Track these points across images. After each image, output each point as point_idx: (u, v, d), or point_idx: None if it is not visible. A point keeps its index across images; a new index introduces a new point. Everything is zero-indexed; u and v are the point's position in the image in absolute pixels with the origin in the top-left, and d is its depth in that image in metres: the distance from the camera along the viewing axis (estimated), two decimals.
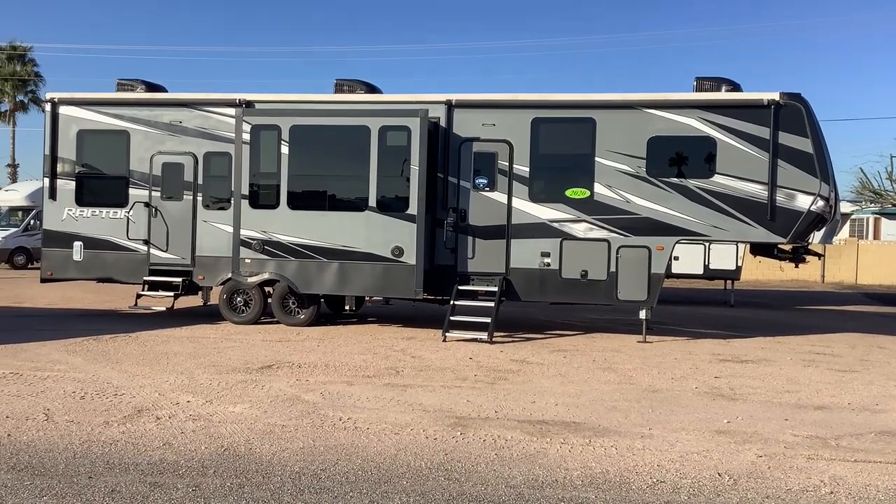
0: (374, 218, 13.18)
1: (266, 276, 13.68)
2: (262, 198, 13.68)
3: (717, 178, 12.58)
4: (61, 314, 15.42)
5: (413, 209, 13.02)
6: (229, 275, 13.88)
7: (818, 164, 12.35)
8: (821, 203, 12.37)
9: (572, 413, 7.95)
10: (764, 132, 12.44)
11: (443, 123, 13.34)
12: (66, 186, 14.69)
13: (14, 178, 48.27)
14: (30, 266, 27.97)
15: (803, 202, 12.39)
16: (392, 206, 13.20)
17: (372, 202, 13.19)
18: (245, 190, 13.65)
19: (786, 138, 12.40)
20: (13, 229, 28.86)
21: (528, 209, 13.11)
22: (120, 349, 11.21)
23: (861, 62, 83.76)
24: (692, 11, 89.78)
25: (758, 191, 12.48)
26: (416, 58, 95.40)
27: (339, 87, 14.21)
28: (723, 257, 18.77)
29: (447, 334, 12.65)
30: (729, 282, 20.15)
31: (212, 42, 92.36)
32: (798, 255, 14.31)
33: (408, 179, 13.07)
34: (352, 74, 19.94)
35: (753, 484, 5.86)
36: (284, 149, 13.49)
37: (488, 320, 12.55)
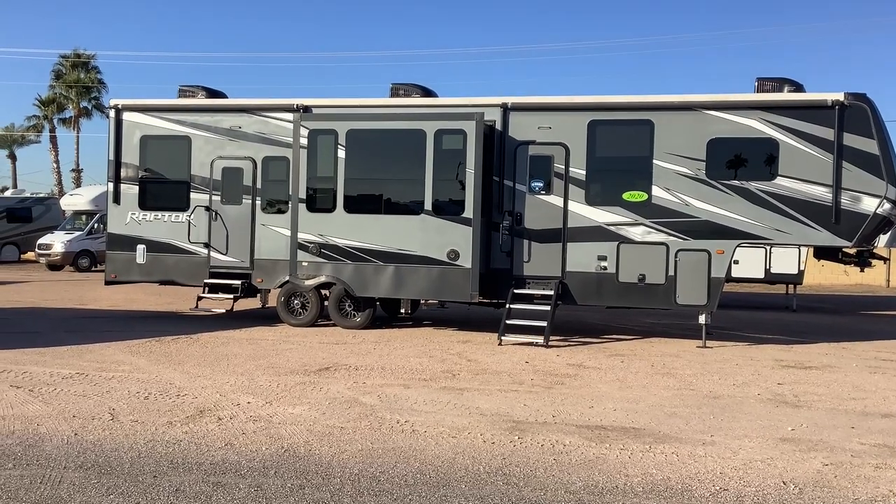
0: (429, 221, 13.21)
1: (323, 279, 13.81)
2: (319, 201, 13.83)
3: (779, 181, 12.33)
4: (124, 316, 15.76)
5: (469, 212, 13.02)
6: (287, 278, 14.04)
7: (884, 166, 12.03)
8: (887, 206, 12.05)
9: (631, 419, 7.86)
10: (828, 133, 12.15)
11: (498, 127, 13.32)
12: (130, 191, 15.03)
13: (78, 183, 49.58)
14: (94, 269, 28.73)
15: (869, 205, 12.07)
16: (448, 209, 13.22)
17: (427, 205, 13.23)
18: (302, 194, 13.80)
19: (851, 139, 12.10)
20: (78, 233, 29.63)
21: (585, 212, 13.00)
22: (182, 350, 11.42)
23: None
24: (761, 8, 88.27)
25: (822, 193, 12.20)
26: (468, 61, 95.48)
27: (395, 92, 14.29)
28: (785, 261, 18.34)
29: (503, 338, 12.61)
30: (791, 286, 19.73)
31: (271, 48, 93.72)
32: (863, 259, 13.98)
33: (463, 183, 13.07)
34: (408, 78, 20.05)
35: (820, 493, 5.71)
36: (341, 153, 13.61)
37: (544, 324, 12.48)
